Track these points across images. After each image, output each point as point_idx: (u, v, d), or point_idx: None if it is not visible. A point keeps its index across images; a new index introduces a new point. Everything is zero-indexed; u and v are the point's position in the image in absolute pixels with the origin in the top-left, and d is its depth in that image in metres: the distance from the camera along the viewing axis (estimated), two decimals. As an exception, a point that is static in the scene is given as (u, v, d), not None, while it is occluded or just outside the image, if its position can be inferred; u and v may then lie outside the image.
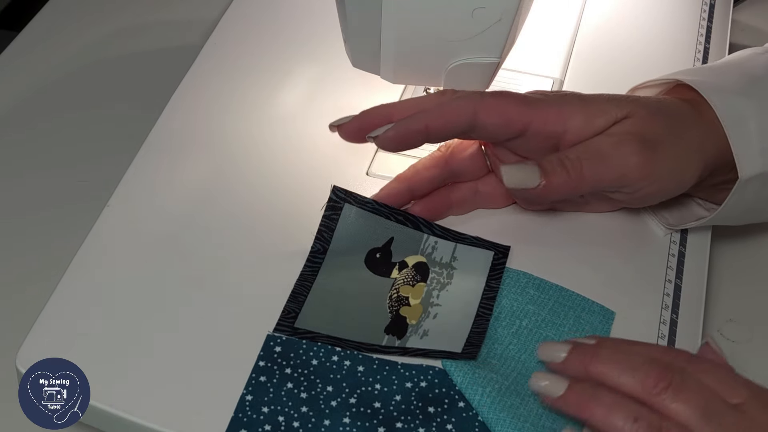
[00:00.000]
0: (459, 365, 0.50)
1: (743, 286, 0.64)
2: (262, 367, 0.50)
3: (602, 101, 0.54)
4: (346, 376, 0.50)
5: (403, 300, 0.54)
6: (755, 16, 0.85)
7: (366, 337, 0.52)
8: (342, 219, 0.56)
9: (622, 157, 0.52)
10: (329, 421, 0.48)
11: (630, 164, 0.52)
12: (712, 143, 0.54)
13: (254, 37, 0.70)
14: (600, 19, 0.73)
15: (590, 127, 0.53)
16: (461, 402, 0.50)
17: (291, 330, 0.52)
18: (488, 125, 0.53)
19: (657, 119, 0.54)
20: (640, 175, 0.52)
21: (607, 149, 0.52)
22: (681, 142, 0.53)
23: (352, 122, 0.55)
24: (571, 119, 0.53)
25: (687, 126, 0.54)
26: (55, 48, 0.79)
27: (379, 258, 0.56)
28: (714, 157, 0.54)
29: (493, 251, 0.56)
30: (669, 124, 0.54)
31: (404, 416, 0.49)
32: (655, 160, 0.52)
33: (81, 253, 0.55)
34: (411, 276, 0.55)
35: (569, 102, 0.54)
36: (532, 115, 0.53)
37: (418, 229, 0.56)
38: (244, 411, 0.49)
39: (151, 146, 0.62)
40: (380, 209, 0.56)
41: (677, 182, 0.54)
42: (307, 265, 0.55)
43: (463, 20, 0.51)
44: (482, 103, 0.53)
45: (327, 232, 0.56)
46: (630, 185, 0.53)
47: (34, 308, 0.53)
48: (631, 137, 0.53)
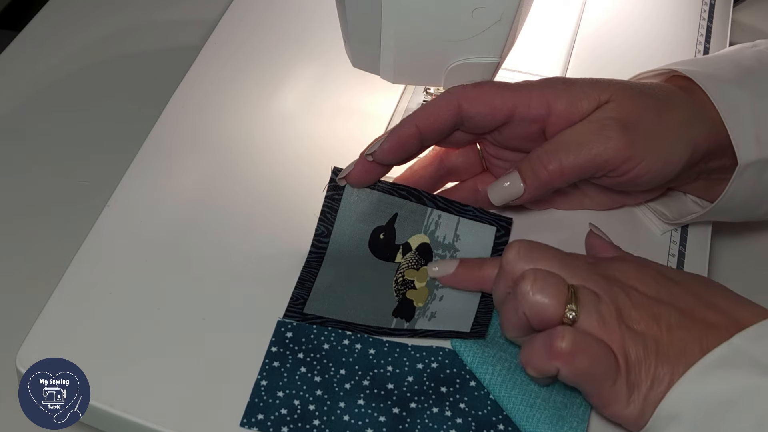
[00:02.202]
0: (468, 345, 0.51)
1: (743, 286, 0.64)
2: (275, 353, 0.51)
3: (586, 84, 0.55)
4: (358, 359, 0.51)
5: (408, 283, 0.55)
6: (755, 16, 0.85)
7: (375, 321, 0.53)
8: (344, 198, 0.56)
9: (602, 142, 0.52)
10: (344, 404, 0.49)
11: (609, 148, 0.52)
12: (701, 124, 0.54)
13: (254, 37, 0.70)
14: (600, 19, 0.73)
15: (575, 110, 0.54)
16: (472, 381, 0.50)
17: (300, 316, 0.53)
18: (474, 115, 0.53)
19: (639, 100, 0.54)
20: (621, 158, 0.52)
21: (586, 136, 0.53)
22: (664, 121, 0.54)
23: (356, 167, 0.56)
24: (555, 102, 0.54)
25: (672, 106, 0.55)
26: (55, 48, 0.80)
27: (383, 239, 0.56)
28: (704, 139, 0.54)
29: (495, 226, 0.56)
30: (652, 104, 0.54)
31: (417, 396, 0.50)
32: (636, 142, 0.52)
33: (81, 253, 0.55)
34: (415, 260, 0.56)
35: (552, 85, 0.54)
36: (515, 99, 0.54)
37: (422, 202, 0.57)
38: (260, 396, 0.49)
39: (151, 146, 0.62)
40: (382, 185, 0.57)
41: (663, 161, 0.53)
42: (312, 251, 0.56)
43: (463, 20, 0.51)
44: (464, 93, 0.53)
45: (330, 213, 0.56)
46: (614, 169, 0.53)
47: (34, 308, 0.53)
48: (612, 122, 0.53)
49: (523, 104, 0.54)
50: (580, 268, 0.48)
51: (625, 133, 0.52)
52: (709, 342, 0.46)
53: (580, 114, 0.54)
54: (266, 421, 0.48)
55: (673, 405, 0.45)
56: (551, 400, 0.49)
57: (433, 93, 0.66)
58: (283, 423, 0.48)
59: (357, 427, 0.48)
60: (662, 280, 0.49)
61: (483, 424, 0.49)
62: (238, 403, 0.49)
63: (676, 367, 0.46)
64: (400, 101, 0.66)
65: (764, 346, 0.45)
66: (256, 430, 0.48)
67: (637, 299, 0.48)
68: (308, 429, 0.48)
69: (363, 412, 0.49)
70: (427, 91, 0.66)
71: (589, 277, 0.48)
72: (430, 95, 0.66)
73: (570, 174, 0.53)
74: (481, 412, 0.49)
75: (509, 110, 0.54)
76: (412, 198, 0.57)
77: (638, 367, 0.46)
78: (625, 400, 0.46)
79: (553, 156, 0.53)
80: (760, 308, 0.48)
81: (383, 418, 0.49)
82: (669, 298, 0.48)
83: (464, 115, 0.54)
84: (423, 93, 0.66)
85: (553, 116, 0.54)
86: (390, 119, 0.65)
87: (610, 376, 0.46)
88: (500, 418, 0.49)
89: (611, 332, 0.46)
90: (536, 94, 0.54)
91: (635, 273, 0.49)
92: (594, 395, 0.47)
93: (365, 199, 0.56)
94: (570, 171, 0.53)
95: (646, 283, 0.49)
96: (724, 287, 0.50)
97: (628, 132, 0.52)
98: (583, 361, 0.45)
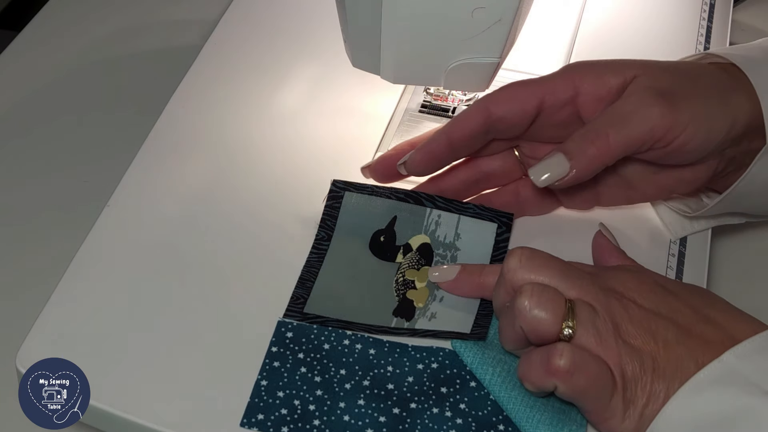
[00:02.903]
0: (469, 346, 0.51)
1: (743, 286, 0.64)
2: (275, 353, 0.51)
3: (609, 62, 0.54)
4: (358, 359, 0.51)
5: (409, 283, 0.55)
6: (755, 16, 0.85)
7: (375, 320, 0.53)
8: (344, 206, 0.57)
9: (645, 110, 0.51)
10: (344, 404, 0.49)
11: (654, 116, 0.51)
12: (738, 96, 0.54)
13: (254, 37, 0.70)
14: (600, 19, 0.73)
15: (602, 84, 0.53)
16: (473, 381, 0.50)
17: (300, 315, 0.53)
18: (504, 114, 0.53)
19: (669, 73, 0.54)
20: (666, 125, 0.51)
21: (628, 109, 0.52)
22: (701, 88, 0.53)
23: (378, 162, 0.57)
24: (580, 81, 0.54)
25: (706, 77, 0.54)
26: (55, 48, 0.80)
27: (384, 241, 0.56)
28: (743, 112, 0.53)
29: (497, 222, 0.56)
30: (684, 75, 0.54)
31: (418, 397, 0.50)
32: (678, 108, 0.52)
33: (81, 254, 0.55)
34: (416, 260, 0.56)
35: (574, 67, 0.55)
36: (540, 89, 0.53)
37: (420, 203, 0.57)
38: (260, 396, 0.49)
39: (151, 146, 0.62)
40: (380, 191, 0.57)
41: (707, 128, 0.52)
42: (312, 252, 0.56)
43: (463, 20, 0.51)
44: (491, 97, 0.54)
45: (330, 220, 0.56)
46: (660, 139, 0.52)
47: (34, 308, 0.53)
48: (650, 91, 0.52)
49: (549, 91, 0.53)
50: (580, 280, 0.48)
51: (665, 101, 0.52)
52: (704, 358, 0.45)
53: (608, 89, 0.53)
54: (266, 421, 0.48)
55: (665, 422, 0.45)
56: (551, 401, 0.49)
57: (433, 93, 0.66)
58: (283, 423, 0.48)
59: (357, 427, 0.48)
60: (661, 292, 0.49)
61: (483, 425, 0.49)
62: (238, 403, 0.49)
63: (672, 383, 0.45)
64: (400, 101, 0.66)
65: (755, 363, 0.45)
66: (256, 430, 0.48)
67: (635, 313, 0.47)
68: (308, 429, 0.48)
69: (363, 413, 0.49)
70: (427, 91, 0.66)
71: (588, 290, 0.48)
72: (430, 95, 0.66)
73: (617, 148, 0.52)
74: (482, 413, 0.49)
75: (538, 101, 0.53)
76: (410, 200, 0.57)
77: (634, 383, 0.46)
78: (620, 416, 0.46)
79: (598, 132, 0.52)
80: (757, 323, 0.48)
81: (383, 418, 0.49)
82: (667, 311, 0.48)
83: (494, 118, 0.54)
84: (423, 93, 0.66)
85: (582, 95, 0.54)
86: (390, 119, 0.65)
87: (607, 393, 0.46)
88: (500, 418, 0.49)
89: (608, 348, 0.46)
90: (560, 78, 0.54)
91: (635, 284, 0.49)
92: (590, 411, 0.47)
93: (364, 204, 0.57)
94: (617, 145, 0.51)
95: (644, 296, 0.48)
96: (722, 300, 0.50)
97: (668, 99, 0.52)
98: (580, 379, 0.45)
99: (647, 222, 0.60)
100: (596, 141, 0.51)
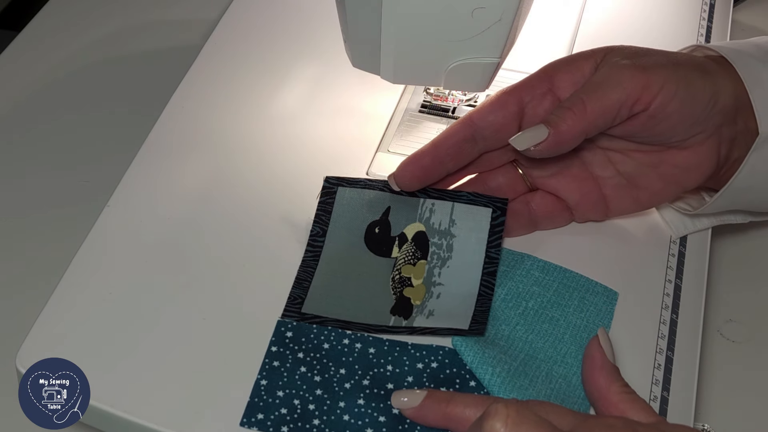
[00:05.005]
0: (469, 344, 0.51)
1: (743, 286, 0.64)
2: (275, 352, 0.51)
3: (580, 52, 0.56)
4: (357, 358, 0.51)
5: (405, 281, 0.55)
6: (755, 16, 0.85)
7: (373, 319, 0.53)
8: (337, 201, 0.57)
9: (616, 75, 0.53)
10: (344, 403, 0.49)
11: (624, 77, 0.53)
12: (721, 78, 0.55)
13: (254, 37, 0.70)
14: (600, 19, 0.73)
15: (576, 70, 0.55)
16: (472, 381, 0.50)
17: (299, 315, 0.53)
18: (485, 117, 0.55)
19: (642, 50, 0.55)
20: (638, 84, 0.52)
21: (600, 78, 0.54)
22: (673, 61, 0.54)
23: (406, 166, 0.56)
24: (554, 72, 0.56)
25: (683, 57, 0.56)
26: (55, 48, 0.80)
27: (379, 233, 0.56)
28: (727, 91, 0.54)
29: (491, 207, 0.56)
30: (658, 52, 0.55)
31: None
32: (649, 70, 0.53)
33: (81, 253, 0.55)
34: (411, 253, 0.56)
35: (549, 64, 0.57)
36: (517, 88, 0.55)
37: (413, 195, 0.57)
38: (260, 395, 0.49)
39: (151, 146, 0.62)
40: (373, 183, 0.57)
41: (685, 87, 0.53)
42: (308, 250, 0.56)
43: (463, 20, 0.51)
44: (474, 108, 0.55)
45: (324, 215, 0.57)
46: (637, 100, 0.53)
47: (34, 308, 0.53)
48: (619, 61, 0.54)
49: (526, 89, 0.55)
50: None
51: (636, 65, 0.53)
52: None
53: (582, 73, 0.55)
54: (266, 421, 0.48)
55: None
56: None
57: (433, 93, 0.66)
58: (283, 423, 0.48)
59: (357, 426, 0.48)
60: None
61: None
62: (238, 403, 0.49)
63: None
64: (400, 101, 0.66)
65: None
66: (256, 429, 0.48)
67: None
68: (308, 428, 0.48)
69: (363, 412, 0.49)
70: (427, 91, 0.66)
71: None
72: (430, 95, 0.66)
73: (593, 113, 0.52)
74: None
75: (516, 99, 0.55)
76: (404, 192, 0.57)
77: None
78: None
79: (574, 100, 0.53)
80: None
81: (383, 417, 0.49)
82: None
83: (478, 125, 0.55)
84: (423, 93, 0.66)
85: (558, 85, 0.55)
86: (390, 119, 0.65)
87: None
88: None
89: None
90: (535, 75, 0.56)
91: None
92: None
93: (358, 198, 0.57)
94: (593, 110, 0.52)
95: None
96: None
97: (639, 64, 0.53)
98: None
99: (647, 222, 0.60)
100: (573, 107, 0.53)
